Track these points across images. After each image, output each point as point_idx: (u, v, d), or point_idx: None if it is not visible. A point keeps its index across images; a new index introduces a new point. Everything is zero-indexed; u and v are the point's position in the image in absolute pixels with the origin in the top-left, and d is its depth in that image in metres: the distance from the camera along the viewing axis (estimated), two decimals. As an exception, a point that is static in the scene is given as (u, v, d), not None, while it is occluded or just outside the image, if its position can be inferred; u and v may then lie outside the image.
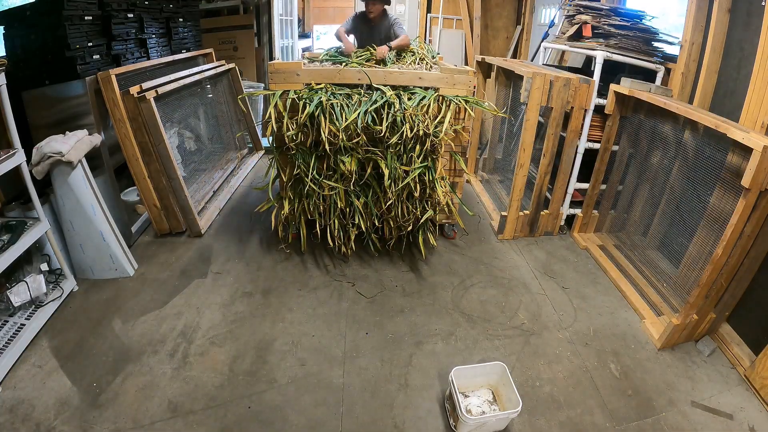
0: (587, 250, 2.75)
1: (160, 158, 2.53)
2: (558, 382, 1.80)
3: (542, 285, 2.41)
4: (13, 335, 1.85)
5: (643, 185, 2.53)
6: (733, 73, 2.18)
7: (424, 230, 2.51)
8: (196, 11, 3.92)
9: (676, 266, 2.25)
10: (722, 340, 1.99)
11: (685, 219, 2.16)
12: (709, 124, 1.85)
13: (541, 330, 2.09)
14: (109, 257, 2.27)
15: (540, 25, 4.49)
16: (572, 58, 3.63)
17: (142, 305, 2.15)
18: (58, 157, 1.98)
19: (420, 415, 1.65)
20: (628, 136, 2.58)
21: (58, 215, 2.20)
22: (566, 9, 2.96)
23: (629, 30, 2.55)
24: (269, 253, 2.61)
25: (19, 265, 2.05)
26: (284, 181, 2.38)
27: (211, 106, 3.56)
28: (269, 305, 2.18)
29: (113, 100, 2.35)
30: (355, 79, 2.25)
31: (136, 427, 1.56)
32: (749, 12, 2.07)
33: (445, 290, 2.34)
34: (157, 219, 2.69)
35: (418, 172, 2.25)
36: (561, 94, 2.51)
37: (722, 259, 1.75)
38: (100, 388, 1.70)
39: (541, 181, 2.72)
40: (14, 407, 1.60)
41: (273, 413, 1.63)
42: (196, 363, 1.83)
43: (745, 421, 1.66)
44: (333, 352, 1.91)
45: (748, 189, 1.61)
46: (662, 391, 1.78)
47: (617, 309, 2.25)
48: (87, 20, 2.48)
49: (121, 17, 2.77)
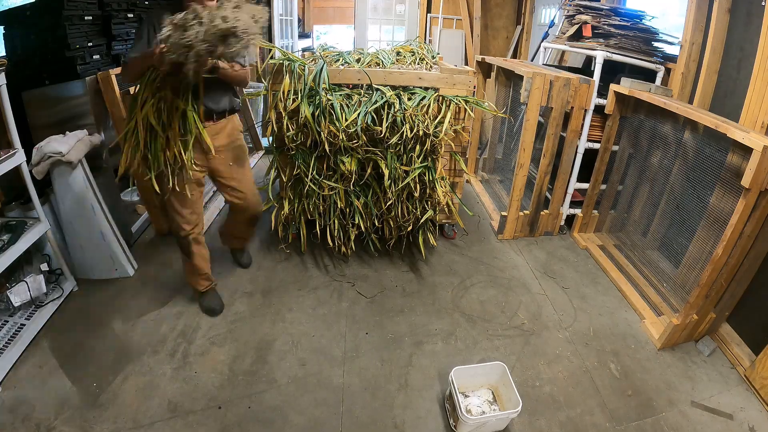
0: (587, 250, 2.75)
1: (160, 158, 2.53)
2: (558, 382, 1.80)
3: (542, 285, 2.41)
4: (13, 335, 1.85)
5: (643, 185, 2.53)
6: (733, 73, 2.18)
7: (424, 230, 2.51)
8: (196, 11, 3.91)
9: (676, 266, 2.26)
10: (722, 340, 1.99)
11: (685, 219, 2.16)
12: (709, 124, 1.85)
13: (541, 330, 2.09)
14: (109, 257, 2.27)
15: (540, 25, 4.49)
16: (572, 58, 3.63)
17: (142, 305, 2.15)
18: (58, 157, 1.98)
19: (420, 415, 1.65)
20: (628, 136, 2.58)
21: (58, 215, 2.20)
22: (566, 9, 2.96)
23: (629, 30, 2.55)
24: (269, 253, 2.61)
25: (19, 265, 2.05)
26: (284, 181, 2.38)
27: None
28: (269, 305, 2.18)
29: (113, 100, 2.35)
30: (355, 80, 2.25)
31: (136, 427, 1.56)
32: (749, 12, 2.07)
33: (445, 290, 2.34)
34: (157, 219, 2.68)
35: (418, 172, 2.25)
36: (561, 94, 2.51)
37: (722, 259, 1.75)
38: (100, 388, 1.70)
39: (541, 181, 2.72)
40: (14, 407, 1.60)
41: (273, 413, 1.63)
42: (196, 363, 1.83)
43: (745, 421, 1.66)
44: (333, 352, 1.91)
45: (748, 189, 1.61)
46: (662, 391, 1.78)
47: (617, 309, 2.25)
48: (87, 20, 2.48)
49: (121, 17, 2.77)
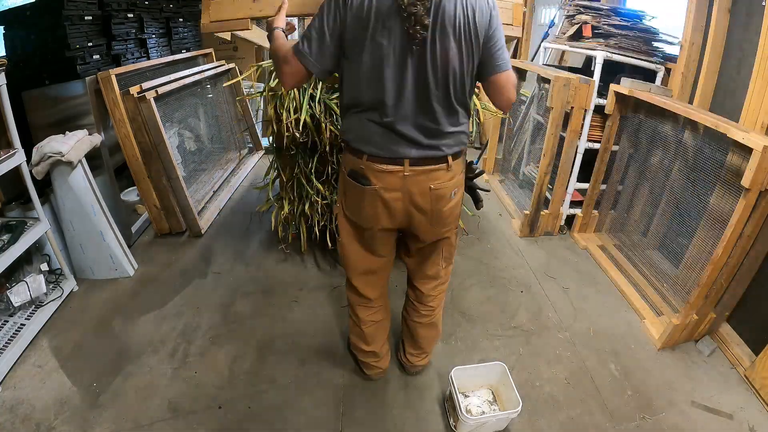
0: (587, 250, 2.75)
1: (160, 158, 2.53)
2: (558, 382, 1.80)
3: (542, 285, 2.41)
4: (13, 335, 1.85)
5: (643, 185, 2.53)
6: (733, 73, 2.18)
7: (424, 230, 2.51)
8: (196, 11, 3.91)
9: (676, 266, 2.25)
10: (722, 340, 1.99)
11: (685, 219, 2.16)
12: (709, 124, 1.85)
13: (541, 330, 2.09)
14: (109, 257, 2.27)
15: (540, 25, 4.48)
16: (572, 58, 3.63)
17: (142, 305, 2.15)
18: (58, 157, 1.98)
19: (420, 415, 1.65)
20: (628, 136, 2.57)
21: (58, 215, 2.20)
22: (566, 9, 2.96)
23: (629, 30, 2.55)
24: (269, 253, 2.61)
25: (19, 265, 2.05)
26: (284, 181, 2.38)
27: (211, 106, 3.56)
28: (269, 305, 2.18)
29: (113, 100, 2.35)
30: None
31: (136, 427, 1.56)
32: (749, 12, 2.07)
33: (445, 290, 2.34)
34: (157, 219, 2.69)
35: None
36: (561, 94, 2.51)
37: (722, 259, 1.75)
38: (100, 388, 1.70)
39: (541, 181, 2.72)
40: (14, 407, 1.60)
41: (273, 413, 1.63)
42: (196, 363, 1.83)
43: (745, 421, 1.66)
44: (333, 352, 1.91)
45: (748, 189, 1.61)
46: (662, 391, 1.78)
47: (617, 309, 2.25)
48: (87, 20, 2.48)
49: (121, 17, 2.77)
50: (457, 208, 1.40)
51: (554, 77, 2.49)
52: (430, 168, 1.25)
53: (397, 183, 1.25)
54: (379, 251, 1.47)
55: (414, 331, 1.69)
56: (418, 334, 1.68)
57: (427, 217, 1.33)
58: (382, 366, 1.74)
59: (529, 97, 3.26)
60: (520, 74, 3.42)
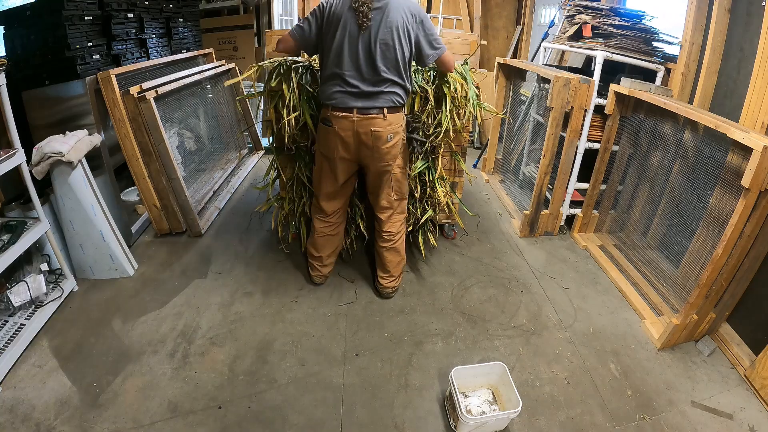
0: (587, 250, 2.75)
1: (160, 158, 2.53)
2: (558, 382, 1.80)
3: (542, 285, 2.41)
4: (13, 335, 1.85)
5: (643, 185, 2.53)
6: (733, 73, 2.18)
7: (424, 230, 2.51)
8: (196, 11, 3.92)
9: (676, 266, 2.26)
10: (722, 340, 1.99)
11: (685, 219, 2.16)
12: (709, 124, 1.85)
13: (541, 330, 2.09)
14: (109, 257, 2.27)
15: (540, 25, 4.49)
16: (572, 58, 3.64)
17: (142, 305, 2.15)
18: (58, 157, 1.98)
19: (420, 415, 1.65)
20: (628, 136, 2.58)
21: (58, 215, 2.20)
22: (566, 9, 2.96)
23: (629, 30, 2.55)
24: (269, 253, 2.61)
25: (19, 265, 2.05)
26: (284, 181, 2.38)
27: (211, 106, 3.57)
28: (269, 305, 2.18)
29: (113, 100, 2.35)
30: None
31: (136, 427, 1.56)
32: (749, 12, 2.07)
33: (445, 290, 2.34)
34: (157, 219, 2.68)
35: (418, 172, 2.26)
36: (561, 94, 2.51)
37: (722, 259, 1.75)
38: (100, 388, 1.70)
39: (541, 181, 2.72)
40: (14, 407, 1.60)
41: (273, 413, 1.63)
42: (196, 363, 1.83)
43: (745, 421, 1.66)
44: (333, 352, 1.92)
45: (748, 189, 1.61)
46: (662, 391, 1.78)
47: (617, 309, 2.25)
48: (87, 20, 2.48)
49: (121, 17, 2.77)
50: (394, 149, 1.91)
51: (554, 77, 2.50)
52: (371, 116, 1.81)
53: (349, 125, 1.82)
54: (339, 177, 2.01)
55: (380, 255, 2.19)
56: (384, 257, 2.18)
57: (370, 151, 1.88)
58: (324, 272, 2.29)
59: (529, 97, 3.26)
60: (520, 74, 3.44)
